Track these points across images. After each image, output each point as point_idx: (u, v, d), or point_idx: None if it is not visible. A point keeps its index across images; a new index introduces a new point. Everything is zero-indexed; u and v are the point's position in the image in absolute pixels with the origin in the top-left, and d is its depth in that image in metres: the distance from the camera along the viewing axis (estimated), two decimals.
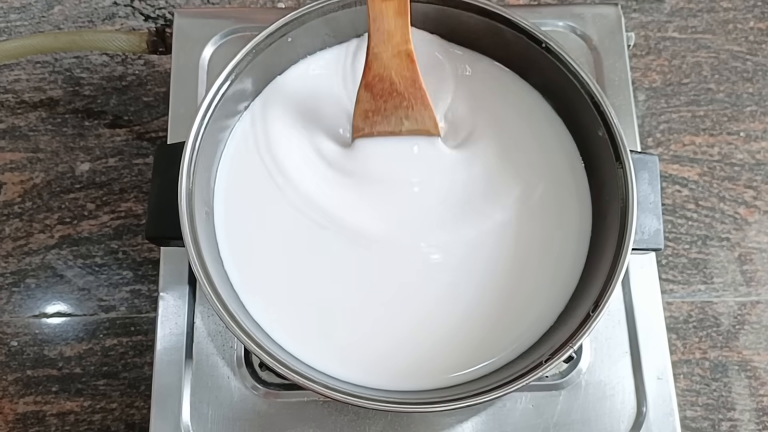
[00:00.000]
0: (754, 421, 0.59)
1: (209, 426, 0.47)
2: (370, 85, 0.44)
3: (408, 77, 0.44)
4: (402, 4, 0.42)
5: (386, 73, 0.43)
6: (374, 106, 0.45)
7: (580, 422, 0.48)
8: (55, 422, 0.57)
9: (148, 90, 0.66)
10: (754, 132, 0.67)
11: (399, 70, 0.43)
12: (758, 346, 0.61)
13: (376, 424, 0.47)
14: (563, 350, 0.41)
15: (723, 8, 0.70)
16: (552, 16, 0.57)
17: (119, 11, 0.69)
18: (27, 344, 0.59)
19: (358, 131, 0.46)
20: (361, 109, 0.45)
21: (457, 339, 0.45)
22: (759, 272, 0.62)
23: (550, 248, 0.47)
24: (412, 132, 0.46)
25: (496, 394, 0.40)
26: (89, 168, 0.64)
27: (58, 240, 0.62)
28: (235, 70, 0.45)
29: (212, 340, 0.49)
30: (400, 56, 0.43)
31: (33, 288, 0.61)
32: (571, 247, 0.47)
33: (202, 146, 0.44)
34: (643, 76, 0.68)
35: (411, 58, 0.43)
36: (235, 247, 0.46)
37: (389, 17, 0.42)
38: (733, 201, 0.64)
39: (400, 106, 0.44)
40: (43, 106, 0.66)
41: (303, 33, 0.48)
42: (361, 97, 0.45)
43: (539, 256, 0.47)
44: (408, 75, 0.44)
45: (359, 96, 0.45)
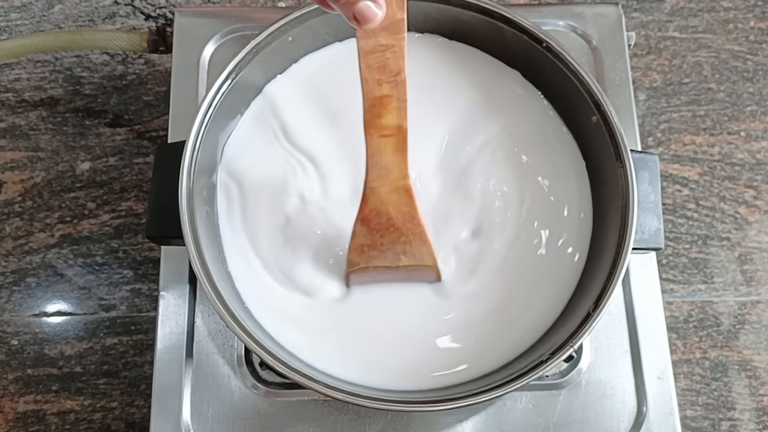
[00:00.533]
0: (754, 420, 0.59)
1: (209, 425, 0.47)
2: (366, 220, 0.42)
3: (406, 212, 0.42)
4: (401, 140, 0.40)
5: (383, 208, 0.42)
6: (370, 241, 0.43)
7: (580, 422, 0.48)
8: (56, 421, 0.57)
9: (148, 89, 0.66)
10: (754, 132, 0.67)
11: (397, 205, 0.42)
12: (758, 346, 0.61)
13: (376, 423, 0.47)
14: (563, 349, 0.41)
15: (723, 8, 0.70)
16: (552, 15, 0.57)
17: (120, 10, 0.69)
18: (27, 343, 0.59)
19: (353, 265, 0.44)
20: (356, 244, 0.43)
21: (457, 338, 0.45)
22: (759, 272, 0.62)
23: (551, 248, 0.47)
24: (410, 267, 0.44)
25: (496, 394, 0.40)
26: (90, 167, 0.64)
27: (59, 239, 0.62)
28: (236, 70, 0.46)
29: (212, 339, 0.49)
30: (398, 191, 0.42)
31: (33, 287, 0.61)
32: (571, 246, 0.47)
33: (203, 145, 0.44)
34: (643, 75, 0.68)
35: (409, 194, 0.42)
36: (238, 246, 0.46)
37: (387, 153, 0.41)
38: (734, 201, 0.64)
39: (398, 241, 0.43)
40: (43, 105, 0.66)
41: (303, 32, 0.48)
42: (357, 232, 0.43)
43: (539, 255, 0.47)
44: (406, 210, 0.42)
45: (355, 230, 0.43)
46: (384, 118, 0.40)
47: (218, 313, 0.41)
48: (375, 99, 0.39)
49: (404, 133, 0.40)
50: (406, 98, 0.39)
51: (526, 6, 0.67)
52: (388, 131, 0.40)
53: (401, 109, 0.40)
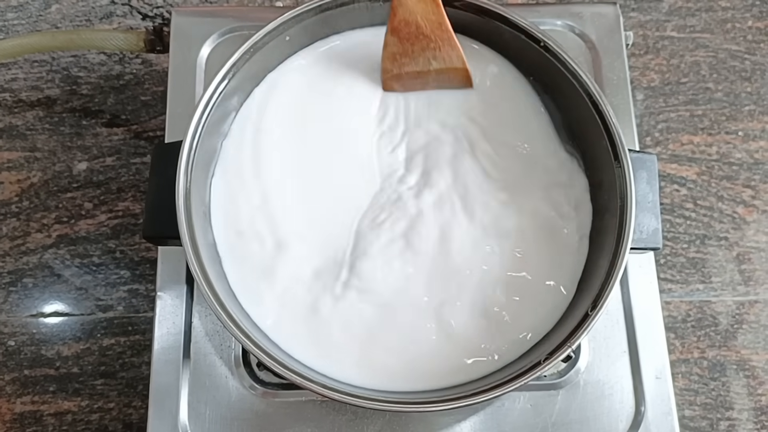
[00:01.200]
0: (753, 420, 0.59)
1: (207, 426, 0.47)
2: (396, 30, 0.45)
3: (434, 20, 0.44)
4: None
5: (412, 17, 0.44)
6: (401, 49, 0.45)
7: (578, 422, 0.47)
8: (53, 422, 0.57)
9: (145, 89, 0.66)
10: (752, 131, 0.67)
11: (424, 14, 0.44)
12: (756, 346, 0.61)
13: (374, 424, 0.47)
14: (562, 350, 0.41)
15: (721, 7, 0.70)
16: (550, 15, 0.57)
17: (117, 10, 0.69)
18: (24, 344, 0.59)
19: (387, 72, 0.47)
20: (388, 53, 0.46)
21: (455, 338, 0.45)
22: (757, 271, 0.62)
23: (549, 248, 0.47)
24: (441, 71, 0.47)
25: (495, 394, 0.40)
26: (87, 167, 0.63)
27: (56, 239, 0.61)
28: (233, 69, 0.45)
29: (210, 339, 0.49)
30: (425, 1, 0.44)
31: (30, 287, 0.60)
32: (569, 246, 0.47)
33: (200, 145, 0.44)
34: (641, 75, 0.68)
35: (436, 2, 0.44)
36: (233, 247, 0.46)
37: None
38: (732, 200, 0.64)
39: (428, 47, 0.45)
40: (40, 105, 0.65)
41: (301, 31, 0.48)
42: (387, 41, 0.45)
43: (537, 255, 0.46)
44: (434, 18, 0.44)
45: (386, 40, 0.45)
46: None
47: (215, 314, 0.40)
48: None
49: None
50: None
51: (524, 5, 0.67)
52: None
53: None
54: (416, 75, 0.47)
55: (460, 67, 0.47)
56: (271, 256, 0.45)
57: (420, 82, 0.48)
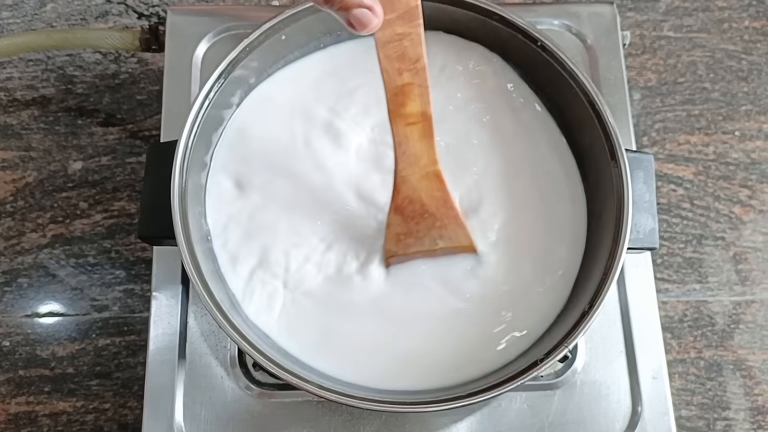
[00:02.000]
0: (749, 420, 0.59)
1: (202, 426, 0.47)
2: (400, 209, 0.43)
3: (439, 197, 0.43)
4: (426, 126, 0.41)
5: (416, 195, 0.42)
6: (406, 229, 0.43)
7: (575, 422, 0.47)
8: (48, 422, 0.57)
9: (141, 88, 0.65)
10: (749, 131, 0.67)
11: (429, 191, 0.42)
12: (753, 346, 0.61)
13: (370, 425, 0.47)
14: (558, 350, 0.41)
15: (718, 7, 0.70)
16: (548, 14, 0.57)
17: (112, 9, 0.68)
18: (19, 344, 0.58)
19: (391, 254, 0.44)
20: (392, 233, 0.44)
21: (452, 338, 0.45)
22: (754, 271, 0.62)
23: (546, 247, 0.47)
24: (447, 250, 0.44)
25: (491, 394, 0.40)
26: (82, 167, 0.63)
27: (51, 239, 0.61)
28: (229, 68, 0.45)
29: (205, 340, 0.48)
30: (428, 178, 0.42)
31: (25, 287, 0.60)
32: (566, 246, 0.47)
33: (195, 144, 0.44)
34: (638, 75, 0.68)
35: (440, 179, 0.42)
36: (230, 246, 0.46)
37: (415, 140, 0.41)
38: (728, 200, 0.64)
39: (433, 226, 0.43)
40: (35, 105, 0.65)
41: (297, 31, 0.48)
42: (391, 221, 0.43)
43: (534, 255, 0.46)
44: (438, 195, 0.42)
45: (390, 220, 0.43)
46: (408, 106, 0.40)
47: (211, 314, 0.40)
48: (397, 88, 0.40)
49: (429, 120, 0.41)
50: (428, 84, 0.40)
51: (521, 5, 0.67)
52: (413, 119, 0.41)
53: (424, 96, 0.40)
54: (422, 255, 0.45)
55: (467, 245, 0.44)
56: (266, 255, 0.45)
57: (425, 259, 0.45)
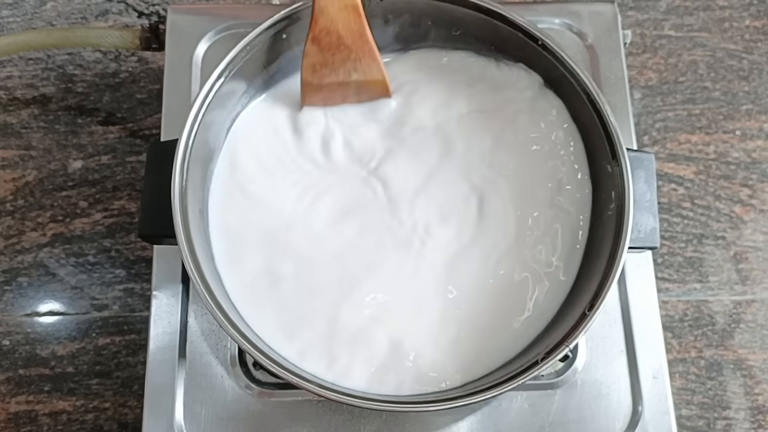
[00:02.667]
0: (749, 419, 0.59)
1: (203, 425, 0.46)
2: (317, 39, 0.44)
3: (355, 30, 0.44)
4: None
5: (333, 26, 0.43)
6: (322, 59, 0.45)
7: (575, 421, 0.47)
8: (48, 422, 0.57)
9: (141, 87, 0.65)
10: (749, 130, 0.67)
11: (346, 23, 0.43)
12: (753, 345, 0.61)
13: (370, 424, 0.47)
14: (559, 349, 0.40)
15: (719, 6, 0.70)
16: (548, 13, 0.57)
17: (112, 7, 0.68)
18: (19, 343, 0.58)
19: (307, 84, 0.46)
20: (308, 63, 0.45)
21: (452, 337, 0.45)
22: (754, 271, 0.62)
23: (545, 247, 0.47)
24: (360, 84, 0.46)
25: (492, 393, 0.40)
26: (82, 165, 0.63)
27: (51, 238, 0.61)
28: (229, 67, 0.45)
29: (206, 339, 0.48)
30: (346, 9, 0.43)
31: (25, 286, 0.60)
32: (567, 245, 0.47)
33: (196, 143, 0.44)
34: (639, 74, 0.68)
35: (357, 12, 0.43)
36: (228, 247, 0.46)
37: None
38: (729, 199, 0.64)
39: (348, 58, 0.45)
40: (35, 103, 0.65)
41: (297, 29, 0.47)
42: (308, 51, 0.44)
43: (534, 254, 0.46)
44: (355, 28, 0.44)
45: (306, 50, 0.44)
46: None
47: (211, 313, 0.40)
48: None
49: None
50: None
51: (522, 4, 0.67)
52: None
53: None
54: (336, 86, 0.46)
55: (380, 79, 0.46)
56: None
57: (340, 94, 0.47)
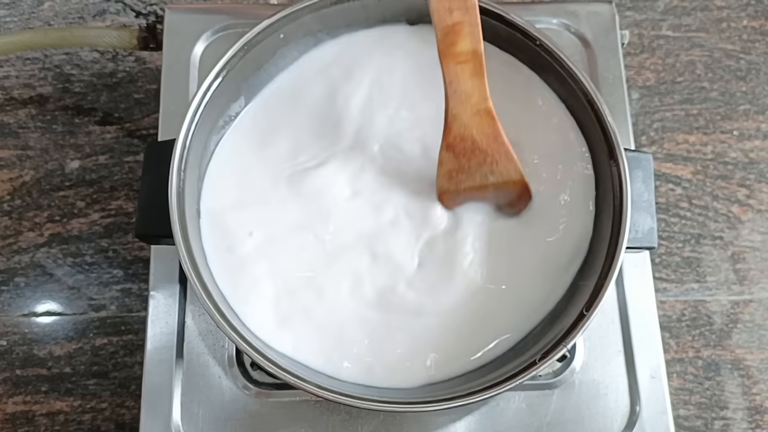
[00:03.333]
0: (747, 419, 0.59)
1: (200, 426, 0.46)
2: (451, 146, 0.43)
3: (489, 134, 0.43)
4: (477, 64, 0.42)
5: (467, 132, 0.43)
6: (458, 166, 0.44)
7: (573, 421, 0.47)
8: (45, 422, 0.56)
9: (138, 87, 0.65)
10: (747, 130, 0.67)
11: (480, 128, 0.43)
12: (751, 345, 0.61)
13: (368, 424, 0.47)
14: (557, 349, 0.40)
15: (717, 6, 0.70)
16: (546, 13, 0.57)
17: (110, 7, 0.68)
18: (16, 343, 0.58)
19: (444, 191, 0.45)
20: (444, 170, 0.44)
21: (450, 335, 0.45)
22: (752, 271, 0.63)
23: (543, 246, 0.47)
24: (499, 186, 0.45)
25: (489, 393, 0.40)
26: (79, 165, 0.63)
27: (48, 238, 0.61)
28: (227, 67, 0.45)
29: (203, 339, 0.48)
30: (480, 114, 0.43)
31: (22, 287, 0.60)
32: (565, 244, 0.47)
33: (193, 143, 0.44)
34: (636, 74, 0.68)
35: (491, 116, 0.43)
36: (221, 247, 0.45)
37: (465, 79, 0.42)
38: (727, 200, 0.64)
39: (484, 162, 0.44)
40: (32, 103, 0.65)
41: (295, 29, 0.48)
42: (443, 159, 0.44)
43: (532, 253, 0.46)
44: (489, 132, 0.43)
45: (441, 158, 0.44)
46: (458, 45, 0.41)
47: (208, 314, 0.40)
48: (447, 27, 0.41)
49: (480, 57, 0.42)
50: (478, 22, 0.41)
51: (519, 4, 0.67)
52: (464, 57, 0.42)
53: (474, 34, 0.41)
54: (474, 191, 0.45)
55: (518, 180, 0.45)
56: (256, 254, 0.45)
57: (478, 198, 0.46)
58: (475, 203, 0.47)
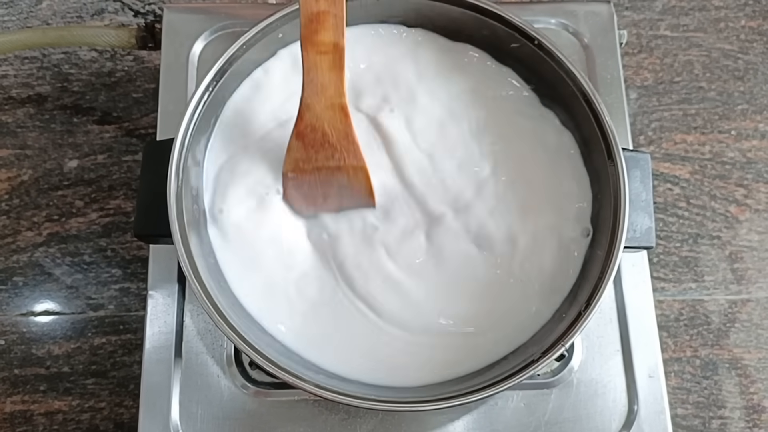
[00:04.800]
0: (744, 419, 0.59)
1: (199, 425, 0.46)
2: (301, 135, 0.43)
3: (341, 130, 0.43)
4: (337, 58, 0.41)
5: (318, 123, 0.43)
6: (305, 156, 0.44)
7: (571, 420, 0.47)
8: (43, 422, 0.56)
9: (137, 86, 0.65)
10: (745, 130, 0.67)
11: (332, 122, 0.43)
12: (748, 344, 0.61)
13: (367, 423, 0.47)
14: (555, 348, 0.41)
15: (715, 6, 0.70)
16: (544, 13, 0.57)
17: (108, 6, 0.68)
18: (14, 343, 0.58)
19: (287, 179, 0.45)
20: (291, 158, 0.44)
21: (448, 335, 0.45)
22: (749, 270, 0.63)
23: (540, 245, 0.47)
24: (343, 188, 0.45)
25: (488, 393, 0.40)
26: (78, 165, 0.63)
27: (46, 238, 0.61)
28: (225, 66, 0.45)
29: (202, 338, 0.48)
30: (333, 108, 0.42)
31: (21, 286, 0.60)
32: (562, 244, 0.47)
33: (192, 143, 0.44)
34: (635, 74, 0.68)
35: (345, 112, 0.42)
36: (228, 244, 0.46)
37: (323, 70, 0.41)
38: (724, 199, 0.65)
39: (332, 157, 0.44)
40: (31, 103, 0.65)
41: (293, 29, 0.47)
42: (292, 146, 0.44)
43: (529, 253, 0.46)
44: (341, 128, 0.43)
45: (290, 144, 0.44)
46: (320, 34, 0.40)
47: (207, 313, 0.40)
48: (312, 15, 0.40)
49: (341, 51, 0.41)
50: (344, 15, 0.40)
51: (518, 3, 0.67)
52: (325, 48, 0.41)
53: (338, 26, 0.40)
54: (317, 187, 0.45)
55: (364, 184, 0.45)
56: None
57: (321, 197, 0.46)
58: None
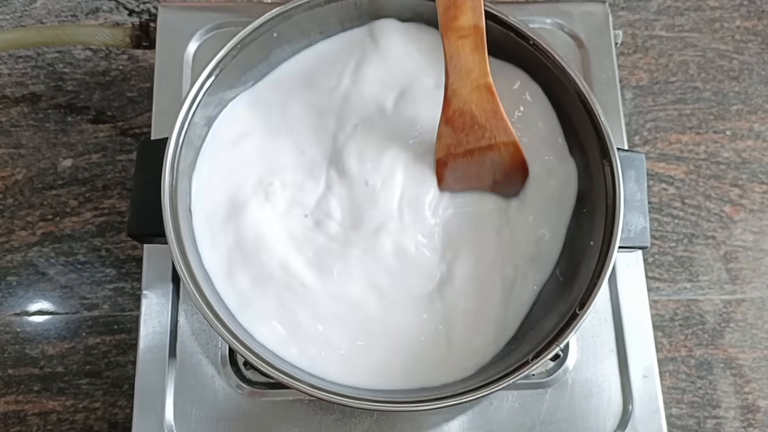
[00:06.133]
0: (739, 418, 0.59)
1: (193, 425, 0.46)
2: (450, 120, 0.44)
3: (489, 109, 0.43)
4: (478, 39, 0.42)
5: (466, 107, 0.43)
6: (456, 140, 0.44)
7: (566, 420, 0.47)
8: (37, 422, 0.56)
9: (131, 85, 0.65)
10: (740, 130, 0.67)
11: (479, 103, 0.43)
12: (743, 344, 0.61)
13: (362, 423, 0.47)
14: (550, 348, 0.41)
15: (710, 7, 0.71)
16: (540, 13, 0.57)
17: (103, 5, 0.68)
18: (8, 343, 0.58)
19: (442, 165, 0.46)
20: (442, 144, 0.45)
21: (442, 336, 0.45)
22: (744, 270, 0.63)
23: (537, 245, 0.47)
24: (496, 164, 0.45)
25: (483, 393, 0.40)
26: (72, 164, 0.63)
27: (40, 237, 0.61)
28: (220, 65, 0.45)
29: (196, 338, 0.48)
30: (479, 90, 0.43)
31: (14, 286, 0.60)
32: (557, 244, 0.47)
33: (186, 142, 0.44)
34: (630, 74, 0.68)
35: (491, 91, 0.43)
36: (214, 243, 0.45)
37: (466, 53, 0.42)
38: (719, 199, 0.65)
39: (483, 137, 0.44)
40: (25, 102, 0.65)
41: (289, 28, 0.47)
42: (442, 133, 0.44)
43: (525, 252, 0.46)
44: (489, 107, 0.43)
45: (440, 132, 0.44)
46: (460, 19, 0.42)
47: (201, 313, 0.40)
48: (449, 2, 0.41)
49: (481, 32, 0.42)
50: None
51: (513, 3, 0.67)
52: (465, 32, 0.42)
53: (476, 8, 0.42)
54: (471, 167, 0.45)
55: (518, 157, 0.45)
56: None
57: (475, 176, 0.46)
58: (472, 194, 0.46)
